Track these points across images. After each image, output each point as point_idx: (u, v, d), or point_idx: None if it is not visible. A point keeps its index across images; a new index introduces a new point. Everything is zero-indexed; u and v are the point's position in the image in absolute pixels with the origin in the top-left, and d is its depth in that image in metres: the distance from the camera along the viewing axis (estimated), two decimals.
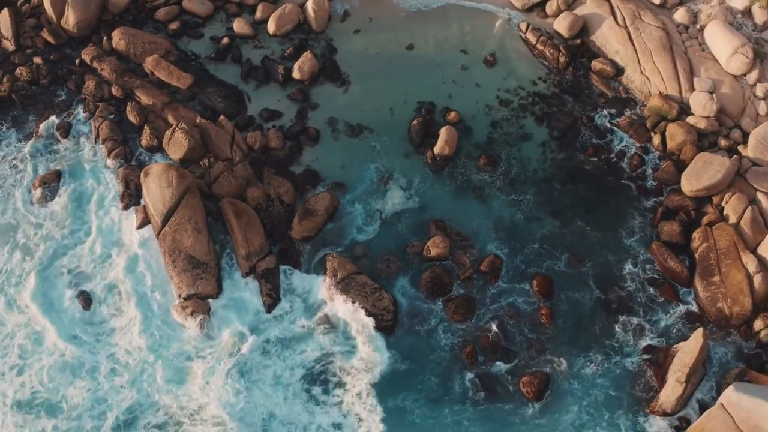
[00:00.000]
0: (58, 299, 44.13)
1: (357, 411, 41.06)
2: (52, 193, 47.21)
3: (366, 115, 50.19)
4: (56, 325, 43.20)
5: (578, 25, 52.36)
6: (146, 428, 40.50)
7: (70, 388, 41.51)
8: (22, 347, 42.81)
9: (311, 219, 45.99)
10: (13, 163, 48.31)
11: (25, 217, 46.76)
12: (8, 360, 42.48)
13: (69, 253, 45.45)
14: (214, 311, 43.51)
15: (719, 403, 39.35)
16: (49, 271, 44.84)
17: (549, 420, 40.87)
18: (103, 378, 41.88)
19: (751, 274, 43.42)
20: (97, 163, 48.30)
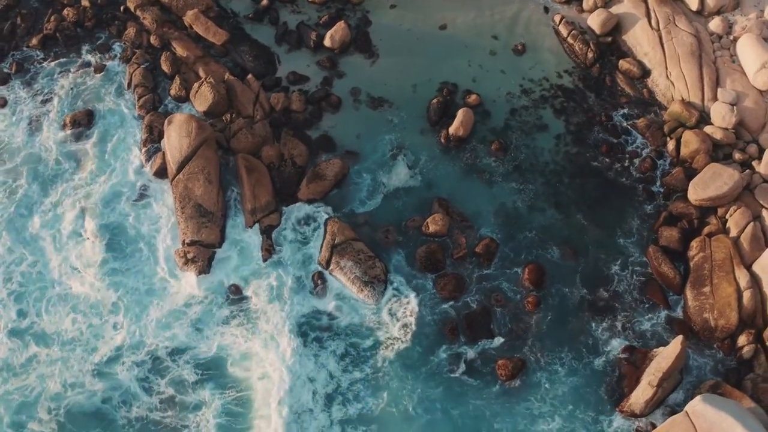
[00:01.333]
0: (69, 233, 45.79)
1: (331, 368, 41.94)
2: (80, 130, 49.01)
3: (389, 88, 50.61)
4: (63, 258, 44.97)
5: (612, 23, 51.71)
6: (129, 366, 42.02)
7: (66, 321, 43.27)
8: (25, 275, 44.67)
9: (319, 183, 46.82)
10: (49, 97, 50.22)
11: (51, 151, 48.65)
12: (10, 286, 44.38)
13: (86, 190, 47.13)
14: (215, 259, 45.01)
15: (685, 411, 39.14)
16: (64, 206, 46.64)
17: (510, 403, 41.14)
18: (102, 314, 43.47)
19: (741, 289, 42.73)
20: (126, 107, 49.81)
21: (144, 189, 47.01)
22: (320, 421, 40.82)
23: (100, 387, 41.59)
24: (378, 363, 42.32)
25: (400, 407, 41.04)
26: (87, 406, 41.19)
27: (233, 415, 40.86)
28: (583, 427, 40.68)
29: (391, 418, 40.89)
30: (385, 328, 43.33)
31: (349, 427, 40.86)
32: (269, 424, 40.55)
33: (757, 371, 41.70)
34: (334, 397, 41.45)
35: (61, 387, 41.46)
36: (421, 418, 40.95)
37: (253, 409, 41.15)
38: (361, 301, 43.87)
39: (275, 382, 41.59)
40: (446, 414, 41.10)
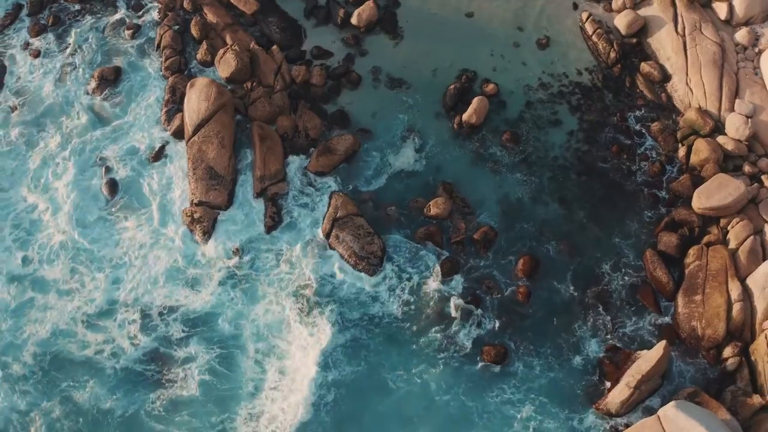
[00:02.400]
0: (82, 186, 47.15)
1: (321, 335, 42.77)
2: (106, 86, 50.21)
3: (409, 71, 50.70)
4: (74, 209, 46.34)
5: (638, 24, 50.88)
6: (122, 320, 43.35)
7: (67, 271, 44.74)
8: (34, 223, 46.22)
9: (329, 156, 47.34)
10: (80, 51, 51.51)
11: (75, 104, 50.05)
12: (17, 233, 45.97)
13: (105, 144, 48.42)
14: (219, 222, 45.89)
15: (657, 415, 39.00)
16: (82, 158, 48.02)
17: (486, 385, 41.57)
18: (104, 268, 44.83)
19: (732, 301, 42.16)
20: (153, 68, 50.96)
21: (161, 148, 48.04)
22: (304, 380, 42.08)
23: (92, 338, 42.87)
24: (365, 334, 43.03)
25: (379, 377, 41.87)
26: (76, 356, 42.55)
27: (220, 370, 41.87)
28: (553, 419, 40.82)
29: (369, 386, 41.66)
30: (378, 302, 43.94)
31: (329, 391, 41.48)
32: (257, 381, 41.71)
33: (738, 384, 41.25)
34: (318, 360, 42.28)
35: (50, 333, 42.84)
36: (400, 390, 41.65)
37: (242, 366, 42.21)
38: (357, 275, 44.45)
39: (266, 340, 42.80)
40: (424, 388, 41.76)
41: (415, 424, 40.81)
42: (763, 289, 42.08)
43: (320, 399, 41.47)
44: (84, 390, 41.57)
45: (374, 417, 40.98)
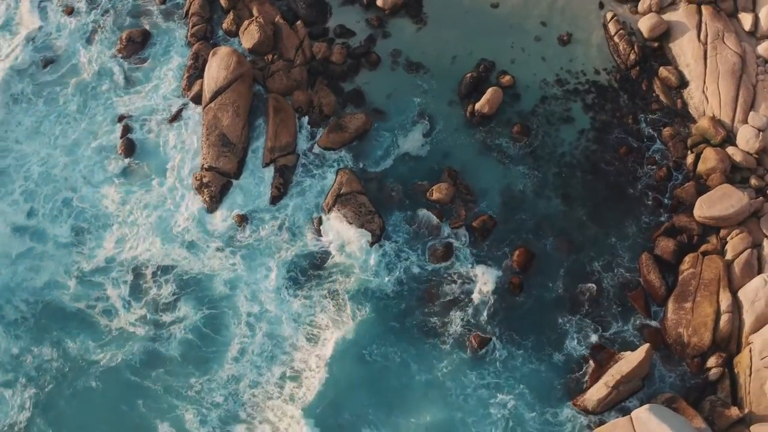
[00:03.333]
0: (97, 143, 48.08)
1: (312, 304, 43.49)
2: (133, 48, 50.97)
3: (428, 56, 50.60)
4: (85, 166, 47.40)
5: (661, 29, 50.07)
6: (115, 279, 44.28)
7: (67, 225, 45.78)
8: (43, 176, 47.16)
9: (339, 133, 47.63)
10: (111, 11, 52.27)
11: (102, 63, 50.92)
12: (25, 184, 46.96)
13: (126, 101, 49.30)
14: (227, 189, 46.48)
15: (630, 416, 38.91)
16: (100, 115, 48.92)
17: (467, 369, 41.88)
18: (107, 225, 45.76)
19: (721, 312, 41.68)
20: (180, 34, 51.55)
21: (178, 112, 48.77)
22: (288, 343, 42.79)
23: (84, 293, 43.92)
24: (354, 309, 43.39)
25: (359, 350, 42.32)
26: (68, 307, 43.62)
27: (206, 332, 42.76)
28: (528, 408, 40.97)
29: (348, 358, 42.16)
30: (370, 279, 44.17)
31: (311, 359, 42.38)
32: (244, 345, 42.51)
33: (719, 394, 40.89)
34: (303, 326, 43.00)
35: (44, 284, 43.99)
36: (377, 363, 42.19)
37: (230, 329, 43.05)
38: (354, 251, 44.77)
39: (260, 304, 43.59)
40: (403, 364, 42.24)
41: (388, 398, 41.28)
42: (752, 302, 41.63)
43: (302, 364, 42.04)
44: (74, 340, 42.65)
45: (348, 387, 41.46)
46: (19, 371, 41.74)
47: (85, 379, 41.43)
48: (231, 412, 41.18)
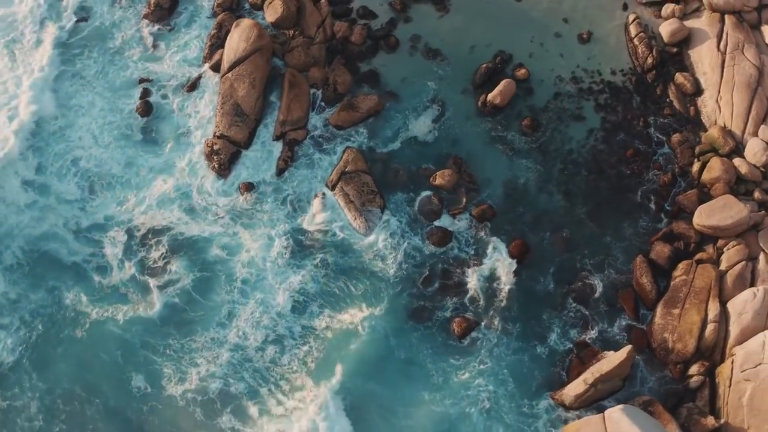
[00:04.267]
0: (111, 105, 48.85)
1: (306, 276, 43.90)
2: (159, 13, 51.53)
3: (447, 44, 50.38)
4: (97, 126, 48.12)
5: (682, 35, 49.23)
6: (113, 238, 45.14)
7: (73, 183, 46.63)
8: (55, 135, 47.91)
9: (350, 112, 47.82)
10: None
11: (128, 27, 51.64)
12: (34, 140, 47.72)
13: (147, 65, 50.02)
14: (236, 158, 46.98)
15: (603, 414, 38.82)
16: (119, 77, 49.70)
17: (450, 352, 42.12)
18: (112, 185, 46.54)
19: (707, 321, 41.20)
20: (206, 3, 52.10)
21: (197, 79, 49.32)
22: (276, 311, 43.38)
23: (81, 248, 44.89)
24: (347, 284, 43.84)
25: (349, 323, 42.76)
26: (65, 259, 44.58)
27: (200, 291, 43.73)
28: (506, 396, 41.06)
29: (337, 329, 42.73)
30: (367, 257, 44.55)
31: (295, 326, 43.04)
32: (233, 310, 43.29)
33: (697, 402, 40.53)
34: (295, 296, 43.51)
35: (42, 234, 44.96)
36: (363, 336, 42.45)
37: (220, 294, 43.80)
38: (353, 229, 45.19)
39: (255, 271, 44.21)
40: (387, 340, 42.51)
41: (366, 369, 41.70)
42: (740, 314, 41.02)
43: (286, 331, 42.73)
44: (67, 291, 43.65)
45: (327, 356, 42.05)
46: (14, 314, 42.96)
47: (72, 329, 42.53)
48: (210, 372, 41.86)
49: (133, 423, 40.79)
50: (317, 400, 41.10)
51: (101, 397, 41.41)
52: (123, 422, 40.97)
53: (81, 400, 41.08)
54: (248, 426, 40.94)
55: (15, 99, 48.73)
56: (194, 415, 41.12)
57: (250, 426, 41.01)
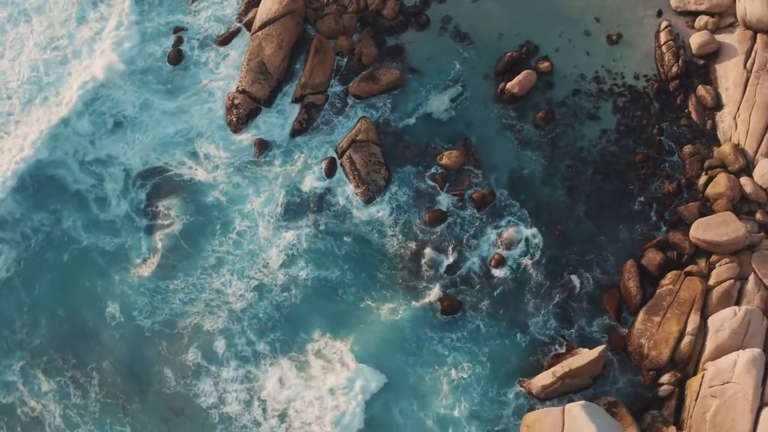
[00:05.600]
0: (154, 47, 49.86)
1: (301, 237, 44.56)
2: None
3: (476, 28, 49.91)
4: (133, 66, 49.24)
5: (711, 48, 47.84)
6: (114, 173, 46.37)
7: (89, 117, 47.96)
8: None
9: (371, 84, 47.98)
10: None
11: None
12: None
13: (185, 16, 50.78)
14: (254, 115, 47.62)
15: (563, 407, 38.72)
16: (155, 23, 50.57)
17: (432, 326, 42.49)
18: (121, 122, 47.82)
19: (685, 333, 40.68)
20: None
21: (230, 34, 49.97)
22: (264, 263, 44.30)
23: (85, 179, 46.31)
24: (342, 249, 44.41)
25: (331, 286, 43.46)
26: (69, 187, 46.06)
27: (192, 234, 44.92)
28: (477, 376, 41.41)
29: (319, 289, 43.45)
30: (362, 226, 45.02)
31: (284, 282, 43.63)
32: (222, 258, 44.40)
33: (663, 411, 40.21)
34: (287, 253, 44.29)
35: (51, 160, 46.54)
36: (345, 301, 43.25)
37: (210, 241, 44.86)
38: (355, 197, 45.59)
39: (251, 224, 45.17)
40: (368, 308, 43.32)
41: (347, 330, 42.49)
42: (717, 330, 40.26)
43: (273, 289, 43.45)
44: (66, 216, 45.50)
45: (306, 311, 42.95)
46: (17, 230, 44.89)
47: (63, 252, 44.53)
48: (183, 311, 43.17)
49: (104, 346, 42.47)
50: (286, 347, 42.19)
51: (79, 319, 43.28)
52: (96, 344, 42.68)
53: (61, 320, 43.01)
54: (213, 364, 42.11)
55: None
56: (159, 347, 42.48)
57: (215, 364, 42.14)
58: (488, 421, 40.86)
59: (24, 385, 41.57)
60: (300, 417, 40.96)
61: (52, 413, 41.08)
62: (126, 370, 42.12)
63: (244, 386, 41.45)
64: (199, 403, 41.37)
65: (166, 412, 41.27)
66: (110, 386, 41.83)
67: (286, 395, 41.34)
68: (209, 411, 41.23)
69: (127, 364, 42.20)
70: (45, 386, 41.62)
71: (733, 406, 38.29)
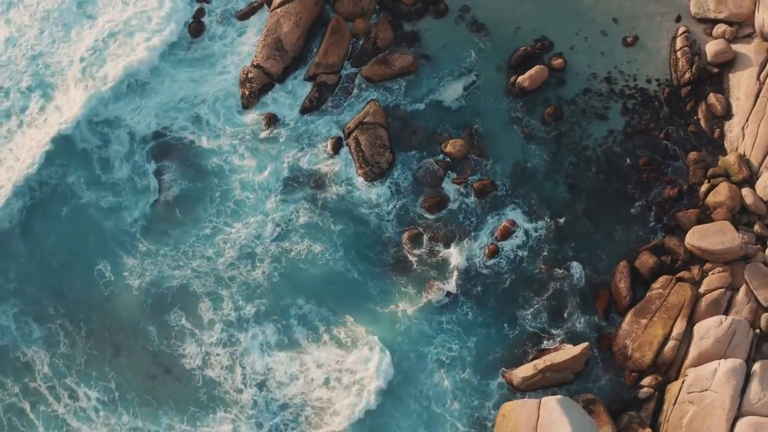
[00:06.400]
0: (175, 16, 50.12)
1: (299, 207, 45.10)
2: None
3: (494, 20, 49.61)
4: (152, 33, 49.58)
5: (726, 57, 46.97)
6: (118, 136, 46.88)
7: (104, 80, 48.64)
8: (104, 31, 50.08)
9: (384, 68, 47.91)
10: None
11: None
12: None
13: None
14: (267, 90, 47.87)
15: (540, 400, 38.61)
16: None
17: (418, 307, 42.57)
18: (132, 85, 48.51)
19: (670, 338, 40.36)
20: None
21: (251, 9, 50.25)
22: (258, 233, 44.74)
23: (90, 138, 47.04)
24: (337, 226, 44.56)
25: (322, 256, 43.74)
26: (76, 144, 46.71)
27: (192, 198, 45.50)
28: (461, 362, 41.41)
29: (312, 263, 43.73)
30: (360, 206, 45.13)
31: (271, 246, 44.31)
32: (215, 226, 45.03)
33: (641, 413, 39.93)
34: (283, 225, 44.70)
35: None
36: (336, 272, 43.55)
37: (211, 204, 45.48)
38: (357, 178, 45.66)
39: (251, 195, 45.61)
40: (361, 281, 43.43)
41: (333, 302, 42.85)
42: (701, 338, 39.82)
43: (261, 251, 43.94)
44: (71, 172, 46.27)
45: (300, 287, 43.28)
46: (24, 183, 45.80)
47: (62, 207, 45.35)
48: (169, 274, 43.77)
49: (93, 301, 43.21)
50: (271, 314, 42.62)
51: (71, 272, 43.98)
52: (85, 298, 43.46)
53: (52, 272, 43.79)
54: (196, 326, 42.62)
55: None
56: (144, 306, 43.10)
57: (198, 327, 42.66)
58: (470, 407, 40.75)
59: (17, 330, 42.46)
60: (281, 388, 41.31)
61: (41, 360, 41.89)
62: (113, 325, 42.80)
63: (227, 350, 41.90)
64: (184, 364, 41.90)
65: (154, 369, 41.88)
66: (97, 339, 42.53)
67: (267, 362, 41.76)
68: (193, 372, 41.71)
69: (115, 320, 42.86)
70: (36, 333, 42.46)
71: (709, 414, 37.97)
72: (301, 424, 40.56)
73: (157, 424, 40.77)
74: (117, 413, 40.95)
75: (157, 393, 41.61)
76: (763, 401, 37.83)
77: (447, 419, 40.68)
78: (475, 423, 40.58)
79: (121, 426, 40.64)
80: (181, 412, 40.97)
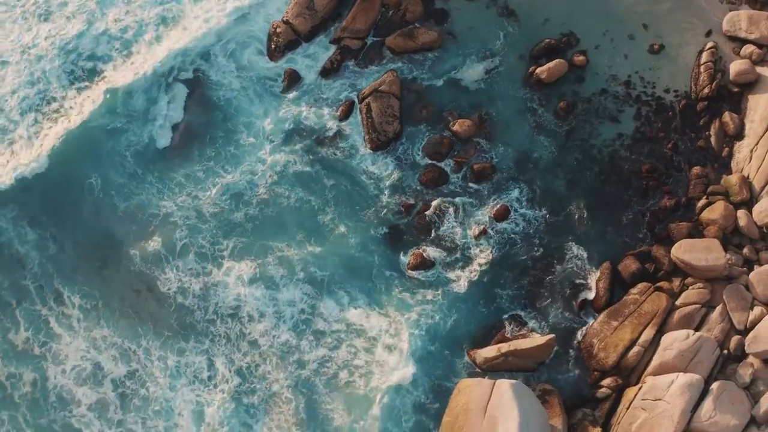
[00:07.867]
0: None
1: (297, 160, 45.53)
2: None
3: (524, 9, 48.88)
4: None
5: (748, 78, 45.43)
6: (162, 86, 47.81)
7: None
8: None
9: (406, 40, 47.72)
10: None
11: None
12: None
13: None
14: (292, 47, 48.24)
15: (495, 381, 38.51)
16: None
17: (400, 277, 42.92)
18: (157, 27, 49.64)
19: (636, 343, 39.78)
20: None
21: None
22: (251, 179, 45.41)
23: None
24: (330, 181, 45.06)
25: (314, 212, 44.37)
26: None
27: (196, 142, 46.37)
28: (433, 332, 41.60)
29: (300, 210, 44.50)
30: (360, 170, 45.35)
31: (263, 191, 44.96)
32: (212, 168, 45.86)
33: (595, 412, 39.59)
34: (278, 172, 45.35)
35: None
36: (321, 225, 44.14)
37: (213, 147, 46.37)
38: (362, 143, 45.87)
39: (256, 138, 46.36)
40: (345, 237, 43.88)
41: (315, 248, 43.47)
42: (666, 348, 39.20)
43: (252, 202, 44.69)
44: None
45: (283, 230, 44.04)
46: None
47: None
48: (156, 204, 44.85)
49: (81, 214, 44.65)
50: (248, 252, 43.46)
51: (64, 184, 45.27)
52: (75, 210, 44.87)
53: (48, 182, 45.07)
54: (172, 254, 43.74)
55: None
56: (130, 229, 44.26)
57: (173, 255, 43.72)
58: (436, 377, 40.95)
59: (13, 231, 44.18)
60: (253, 324, 42.25)
61: (32, 260, 43.65)
62: (100, 239, 44.09)
63: (201, 280, 42.98)
64: (161, 288, 43.03)
65: (137, 284, 43.27)
66: (84, 249, 43.96)
67: (240, 293, 42.72)
68: (169, 297, 42.91)
69: (101, 235, 44.14)
70: (30, 235, 44.09)
71: (658, 424, 37.44)
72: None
73: (136, 343, 41.95)
74: (99, 325, 42.28)
75: (138, 309, 42.88)
76: (712, 420, 37.26)
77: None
78: (434, 390, 40.84)
79: (102, 340, 41.89)
80: (158, 336, 42.05)
